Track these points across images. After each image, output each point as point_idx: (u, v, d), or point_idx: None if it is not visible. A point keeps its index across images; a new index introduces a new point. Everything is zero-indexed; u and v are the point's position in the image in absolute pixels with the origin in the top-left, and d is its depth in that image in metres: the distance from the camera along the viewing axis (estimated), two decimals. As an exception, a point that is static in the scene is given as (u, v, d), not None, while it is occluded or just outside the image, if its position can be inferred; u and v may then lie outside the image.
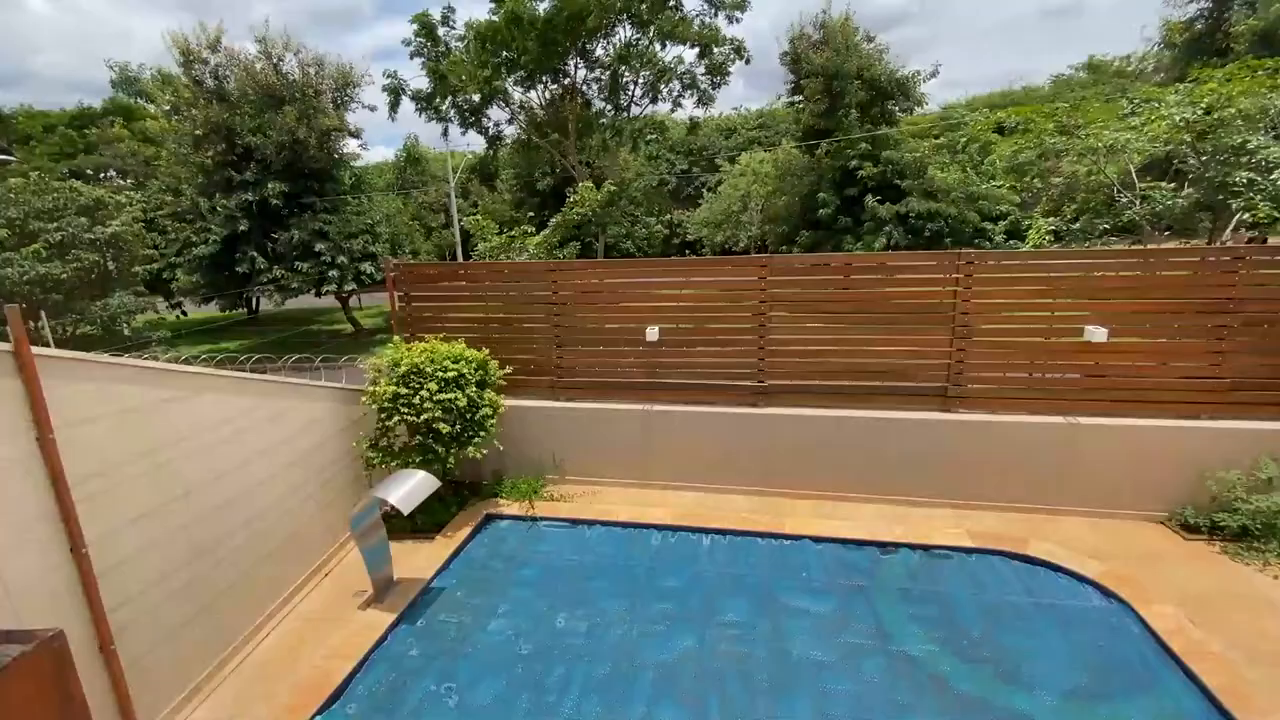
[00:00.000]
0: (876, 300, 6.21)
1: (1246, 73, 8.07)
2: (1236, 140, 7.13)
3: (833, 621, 4.66)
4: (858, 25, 23.57)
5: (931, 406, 6.13)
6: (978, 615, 4.66)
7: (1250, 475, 5.31)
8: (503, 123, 24.35)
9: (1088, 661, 4.17)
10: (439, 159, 41.74)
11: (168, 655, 4.03)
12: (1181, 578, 4.91)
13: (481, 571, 5.58)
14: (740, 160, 33.80)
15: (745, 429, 6.49)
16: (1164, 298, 5.69)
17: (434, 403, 5.71)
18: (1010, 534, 5.58)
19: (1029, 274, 6.00)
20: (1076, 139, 8.66)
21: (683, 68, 22.04)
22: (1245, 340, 5.49)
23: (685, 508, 6.32)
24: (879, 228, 22.57)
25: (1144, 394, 5.71)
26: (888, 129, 22.85)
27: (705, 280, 6.78)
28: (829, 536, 5.70)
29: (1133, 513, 5.70)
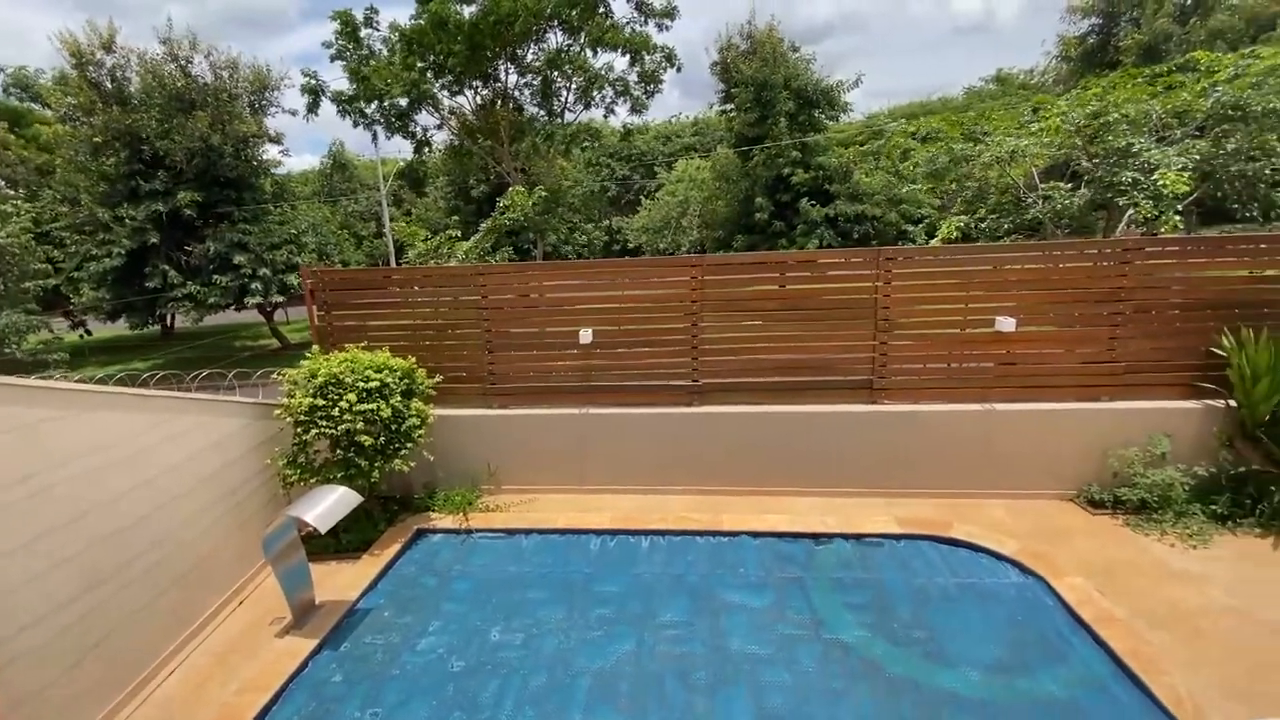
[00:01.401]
0: (804, 298, 6.36)
1: (1128, 80, 8.81)
2: (1122, 143, 7.74)
3: (770, 614, 4.69)
4: (784, 36, 24.43)
5: (859, 399, 6.31)
6: (907, 599, 4.80)
7: (1146, 451, 5.71)
8: (432, 128, 23.80)
9: (1007, 636, 4.36)
10: (368, 166, 40.43)
11: (58, 696, 3.65)
12: (1089, 551, 5.22)
13: (411, 589, 5.34)
14: (677, 167, 34.32)
15: (682, 429, 6.50)
16: (1066, 289, 6.07)
17: (354, 414, 5.44)
18: (936, 519, 5.79)
19: (944, 269, 6.27)
20: (984, 145, 9.20)
21: (614, 74, 22.14)
22: (1136, 327, 5.91)
23: (624, 511, 6.26)
24: (811, 230, 23.36)
25: (1051, 379, 6.06)
26: (816, 136, 23.71)
27: (638, 281, 6.77)
28: (766, 531, 5.76)
29: (1045, 492, 6.03)
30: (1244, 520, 5.41)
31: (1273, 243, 6.08)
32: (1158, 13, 17.75)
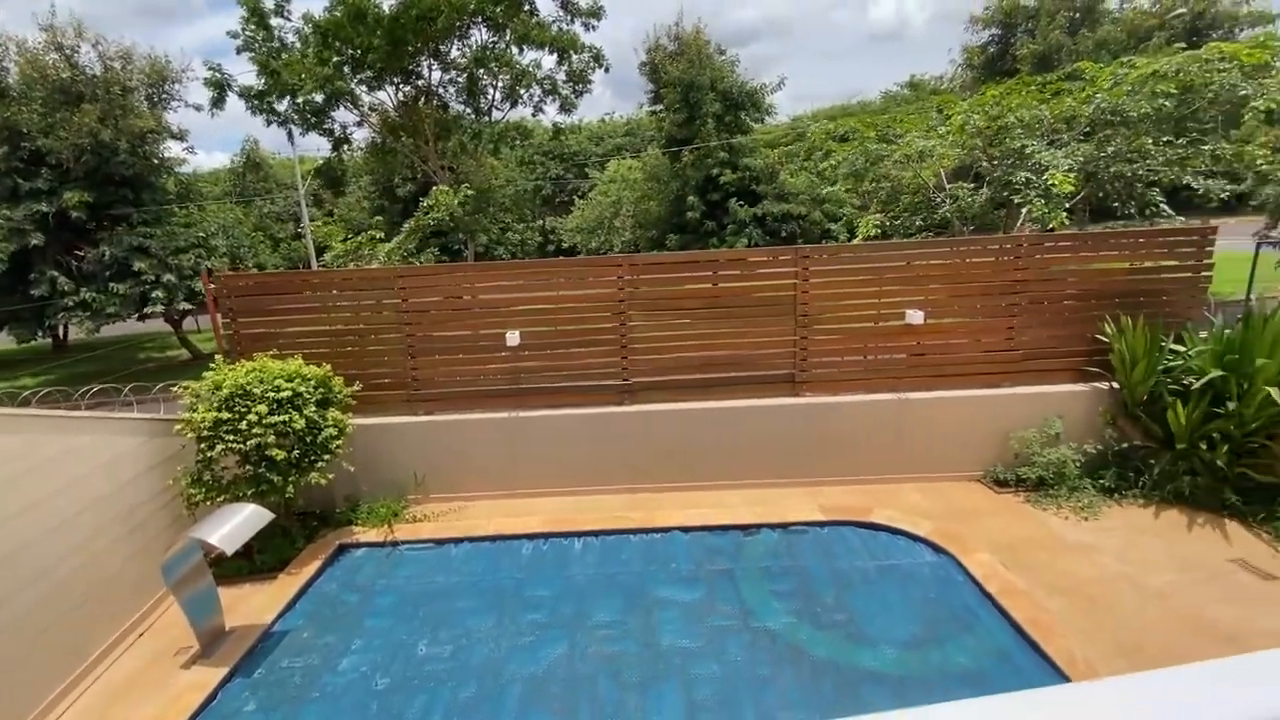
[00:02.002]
0: (728, 296, 6.50)
1: (1022, 87, 9.49)
2: (1017, 145, 8.32)
3: (700, 608, 4.76)
4: (710, 38, 24.85)
5: (782, 392, 6.50)
6: (830, 583, 4.98)
7: (1042, 432, 6.14)
8: (351, 125, 22.83)
9: (921, 613, 4.59)
10: (285, 164, 38.36)
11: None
12: (994, 528, 5.57)
13: (333, 607, 5.11)
14: (610, 167, 34.34)
15: (613, 428, 6.51)
16: (969, 283, 6.45)
17: (265, 427, 5.15)
18: (857, 505, 6.03)
19: (858, 265, 6.54)
20: (896, 146, 9.67)
21: (542, 73, 21.89)
22: (1031, 317, 6.35)
23: (557, 513, 6.20)
24: (741, 229, 23.89)
25: (957, 368, 6.44)
26: (742, 138, 24.26)
27: (565, 282, 6.72)
28: (697, 525, 5.85)
29: (955, 474, 6.40)
30: (1129, 492, 5.91)
31: (1148, 237, 6.68)
32: (1050, 25, 19.21)
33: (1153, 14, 18.06)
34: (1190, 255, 6.32)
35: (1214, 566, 4.91)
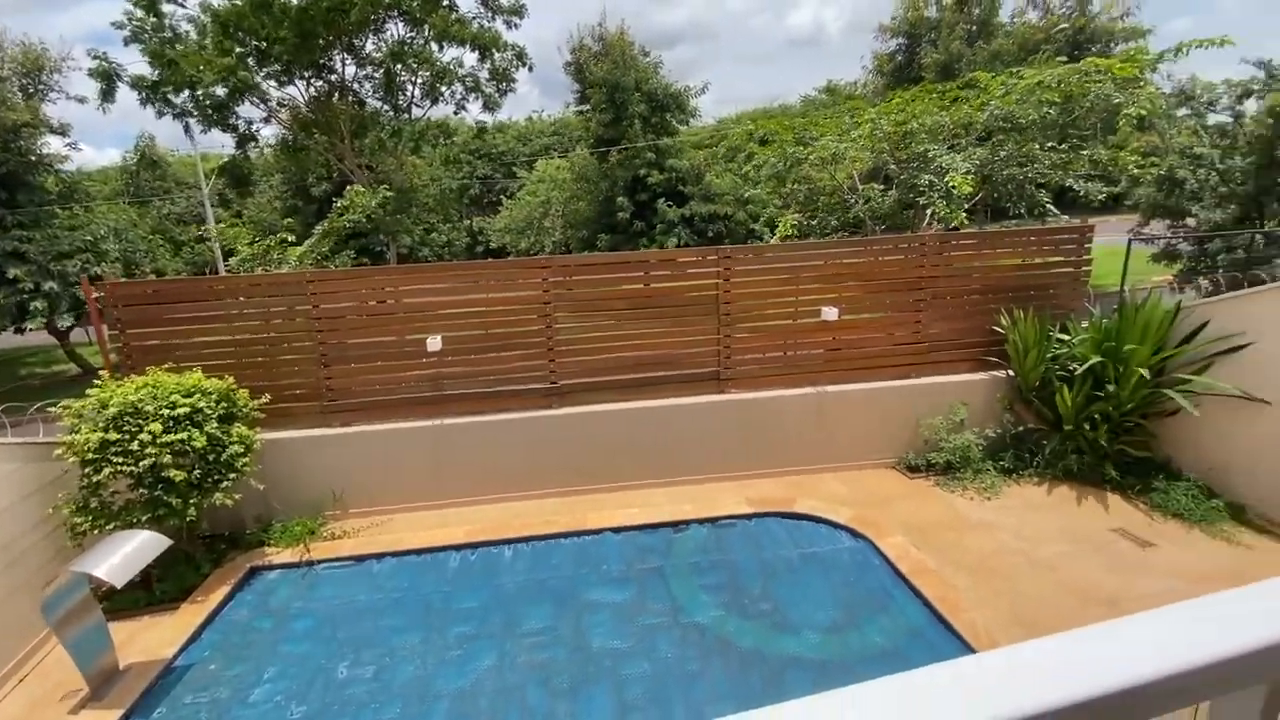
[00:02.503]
0: (654, 296, 6.56)
1: (924, 95, 10.08)
2: (921, 149, 8.83)
3: (631, 607, 4.79)
4: (633, 40, 24.96)
5: (708, 390, 6.62)
6: (757, 574, 5.12)
7: (948, 419, 6.54)
8: (258, 121, 21.54)
9: (841, 597, 4.80)
10: (186, 162, 35.72)
11: None
12: (907, 511, 5.88)
13: (244, 635, 4.81)
14: (538, 167, 33.92)
15: (542, 432, 6.44)
16: (880, 280, 6.77)
17: (160, 446, 4.78)
18: (782, 496, 6.23)
19: (777, 265, 6.74)
20: (812, 149, 10.05)
21: (464, 70, 21.35)
22: (936, 311, 6.74)
23: (486, 522, 6.08)
24: (670, 230, 24.15)
25: (871, 361, 6.75)
26: (668, 139, 24.52)
27: (488, 284, 6.58)
28: (628, 525, 5.87)
29: (871, 462, 6.71)
30: (1025, 471, 6.38)
31: (1037, 235, 7.23)
32: (950, 36, 20.50)
33: (1040, 28, 19.60)
34: (1072, 251, 6.89)
35: (1098, 537, 5.37)
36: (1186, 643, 0.77)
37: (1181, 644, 0.77)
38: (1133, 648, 0.79)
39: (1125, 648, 0.79)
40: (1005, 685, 0.74)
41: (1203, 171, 13.38)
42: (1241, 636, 0.77)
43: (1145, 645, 0.80)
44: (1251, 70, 14.02)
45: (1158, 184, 14.12)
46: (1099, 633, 0.82)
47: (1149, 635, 0.81)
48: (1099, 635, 0.81)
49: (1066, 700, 0.69)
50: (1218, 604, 0.84)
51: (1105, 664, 0.76)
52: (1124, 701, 0.73)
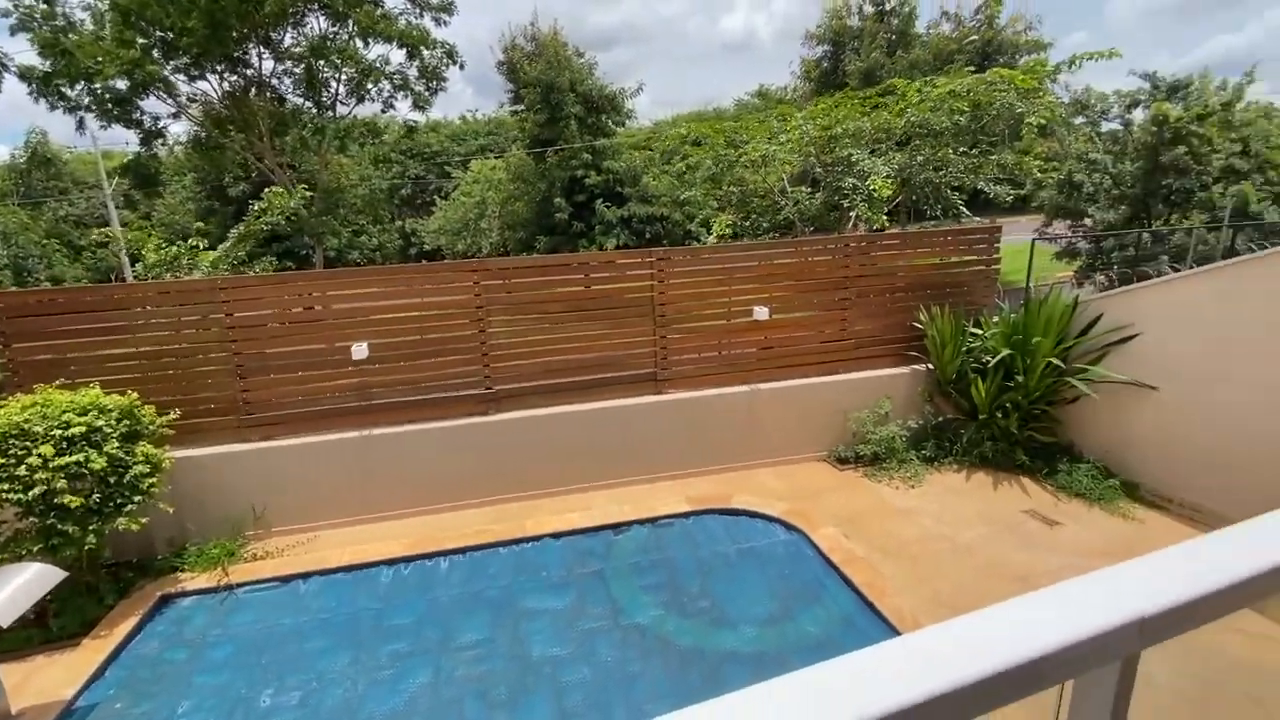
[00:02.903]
0: (590, 298, 6.53)
1: (846, 101, 10.50)
2: (844, 154, 9.20)
3: (571, 613, 4.76)
4: (567, 41, 24.86)
5: (646, 391, 6.66)
6: (696, 572, 5.19)
7: (874, 412, 6.82)
8: (165, 117, 20.19)
9: (776, 590, 4.92)
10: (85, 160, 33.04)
11: None
12: (838, 503, 6.09)
13: (154, 669, 4.48)
14: (473, 167, 33.26)
15: (478, 439, 6.31)
16: (809, 279, 6.99)
17: (52, 470, 4.40)
18: (719, 493, 6.34)
19: (710, 266, 6.85)
20: (743, 152, 10.29)
21: (391, 68, 20.68)
22: (860, 309, 7.02)
23: (420, 534, 5.90)
24: (609, 230, 24.19)
25: (801, 358, 6.97)
26: (605, 140, 24.56)
27: (414, 288, 6.38)
28: (568, 530, 5.82)
29: (804, 456, 6.92)
30: (945, 459, 6.73)
31: (953, 236, 7.63)
32: (872, 45, 21.44)
33: (953, 39, 20.79)
34: (983, 250, 7.33)
35: (1011, 519, 5.73)
36: (1052, 626, 0.84)
37: (1048, 627, 0.84)
38: (1008, 630, 0.85)
39: (1001, 631, 0.85)
40: (886, 679, 0.78)
41: (1098, 175, 14.51)
42: (1096, 619, 0.84)
43: (1017, 630, 0.86)
44: (1138, 82, 15.34)
45: (1059, 187, 15.21)
46: (969, 622, 0.88)
47: (1019, 620, 0.87)
48: (969, 625, 0.88)
49: (934, 692, 0.74)
50: (1075, 588, 0.91)
51: (977, 651, 0.82)
52: (996, 685, 0.78)
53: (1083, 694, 0.94)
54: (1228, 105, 13.44)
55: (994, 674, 0.78)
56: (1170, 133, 12.93)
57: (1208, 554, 0.94)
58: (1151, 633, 0.85)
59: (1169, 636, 0.88)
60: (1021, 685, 0.79)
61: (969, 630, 0.87)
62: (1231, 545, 0.96)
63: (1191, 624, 0.89)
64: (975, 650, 0.82)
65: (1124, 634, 0.84)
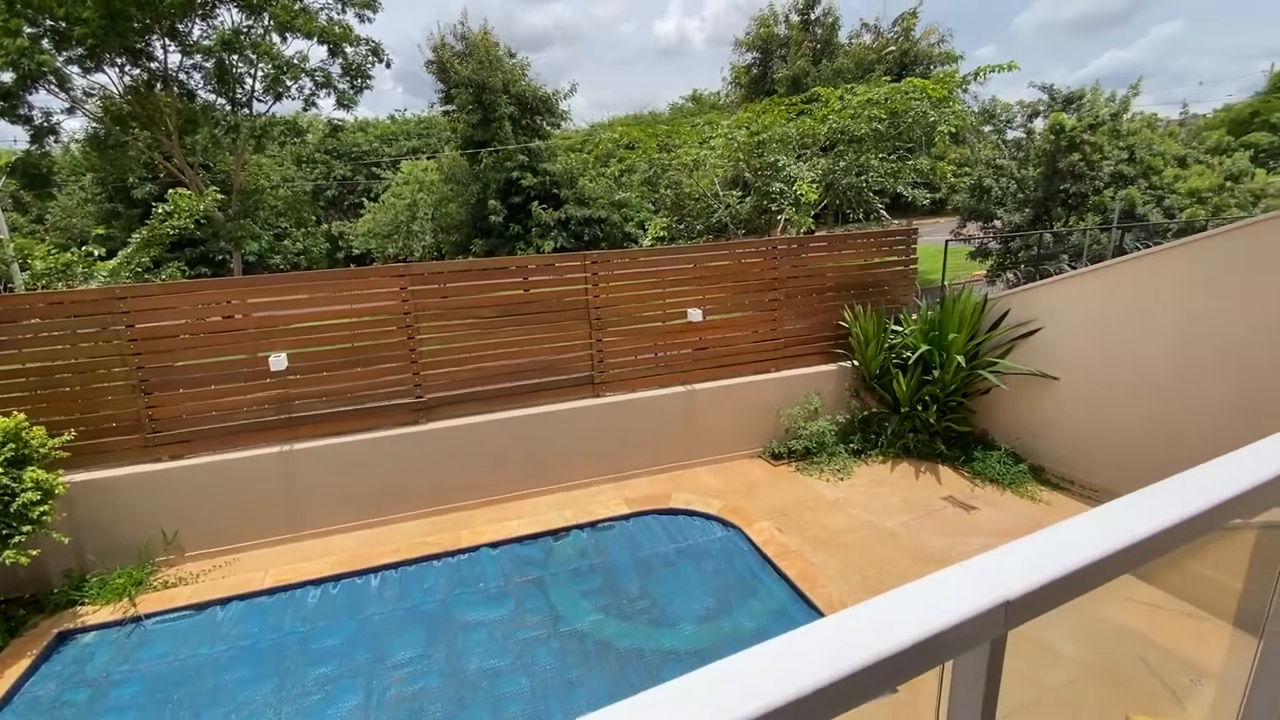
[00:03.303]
0: (523, 302, 6.45)
1: (773, 108, 10.82)
2: (772, 159, 9.48)
3: (509, 623, 4.69)
4: (499, 40, 24.47)
5: (583, 395, 6.65)
6: (635, 573, 5.21)
7: (805, 409, 7.06)
8: (58, 112, 18.64)
9: (714, 586, 5.01)
10: (-39, 158, 29.99)
11: None
12: (772, 497, 6.27)
13: (51, 713, 4.12)
14: (403, 168, 32.25)
15: (410, 450, 6.12)
16: (740, 281, 7.15)
17: (-78, 503, 3.98)
18: (658, 493, 6.40)
19: (643, 269, 6.91)
20: (674, 156, 10.44)
21: (312, 64, 19.81)
22: (789, 309, 7.25)
23: (349, 551, 5.68)
24: (546, 233, 23.95)
25: (735, 358, 7.13)
26: (540, 142, 24.33)
27: (339, 295, 6.13)
28: (506, 539, 5.74)
29: (740, 453, 7.08)
30: (872, 451, 7.03)
31: (874, 238, 7.98)
32: (798, 53, 22.16)
33: (873, 49, 21.78)
34: (902, 251, 7.70)
35: (932, 505, 6.04)
36: (931, 613, 0.91)
37: (927, 613, 0.91)
38: (889, 619, 0.92)
39: (890, 618, 0.91)
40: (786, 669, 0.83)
41: (1004, 180, 15.52)
42: (966, 605, 0.91)
43: (897, 618, 0.93)
44: (1038, 93, 16.51)
45: (970, 191, 16.20)
46: (869, 608, 0.95)
47: (899, 609, 0.94)
48: (870, 610, 0.95)
49: (837, 675, 0.78)
50: (949, 576, 0.99)
51: (872, 636, 0.88)
52: (889, 667, 0.84)
53: (961, 674, 1.02)
54: (1116, 116, 14.67)
55: (873, 662, 0.84)
56: (1066, 141, 14.00)
57: (1066, 538, 1.03)
58: (1016, 615, 0.93)
59: (1032, 617, 0.96)
60: (899, 671, 0.85)
61: (837, 628, 0.93)
62: (1087, 529, 1.05)
63: (1052, 605, 0.97)
64: (848, 645, 0.88)
65: (991, 618, 0.91)
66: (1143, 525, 1.06)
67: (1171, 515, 1.11)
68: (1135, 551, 1.04)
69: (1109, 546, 1.01)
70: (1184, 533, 1.12)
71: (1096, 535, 1.02)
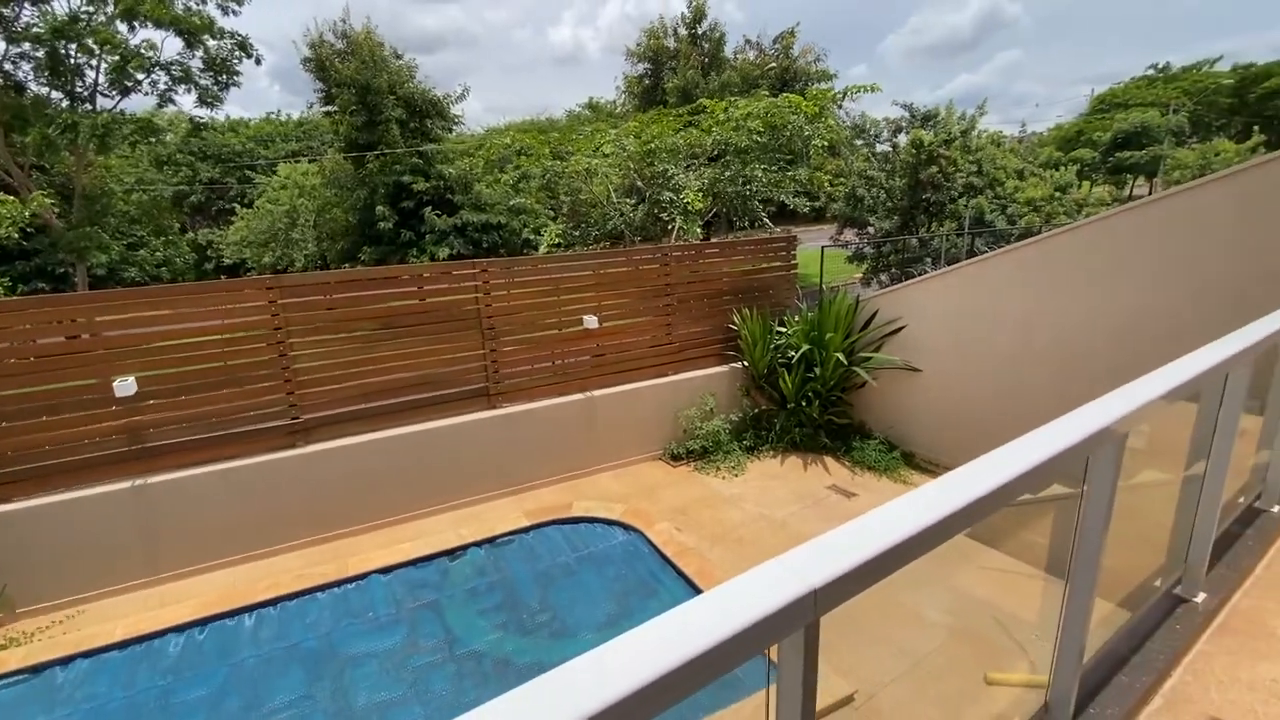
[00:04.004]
0: (410, 313, 6.21)
1: (661, 118, 11.12)
2: (661, 168, 9.74)
3: (402, 651, 4.48)
4: (384, 40, 23.39)
5: (478, 407, 6.50)
6: (535, 587, 5.15)
7: (701, 410, 7.29)
8: None
9: (615, 591, 5.06)
10: None
11: None
12: (672, 498, 6.42)
13: None
14: (281, 171, 30.00)
15: (288, 476, 5.71)
16: (637, 287, 7.26)
17: None
18: (560, 502, 6.36)
19: (537, 276, 6.85)
20: (567, 164, 10.45)
21: (168, 57, 18.04)
22: (682, 314, 7.47)
23: (220, 590, 5.20)
24: (442, 239, 23.14)
25: (632, 363, 7.24)
26: (432, 146, 23.49)
27: (200, 310, 5.59)
28: (398, 562, 5.47)
29: (640, 456, 7.20)
30: (764, 447, 7.37)
31: (760, 244, 8.38)
32: (687, 66, 22.91)
33: (756, 65, 22.93)
34: (784, 256, 8.15)
35: (818, 495, 6.43)
36: (757, 604, 0.99)
37: (753, 606, 0.99)
38: (721, 612, 1.00)
39: (716, 615, 1.00)
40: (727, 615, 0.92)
41: (875, 190, 16.87)
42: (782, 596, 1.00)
43: (729, 607, 1.00)
44: (901, 111, 18.09)
45: (846, 199, 17.45)
46: (703, 603, 1.03)
47: (733, 602, 1.01)
48: (702, 605, 1.02)
49: (679, 661, 0.86)
50: (770, 570, 1.07)
51: (700, 633, 0.95)
52: (714, 657, 0.91)
53: (784, 657, 1.11)
54: (965, 133, 16.36)
55: (703, 652, 0.92)
56: (925, 155, 15.44)
57: (868, 528, 1.15)
58: (825, 603, 1.03)
59: (841, 603, 1.06)
60: (726, 660, 0.93)
61: (673, 624, 1.01)
62: (887, 517, 1.17)
63: (858, 590, 1.08)
64: (682, 638, 0.95)
65: (802, 606, 1.00)
66: (935, 511, 1.20)
67: (962, 498, 1.27)
68: (929, 535, 1.18)
69: (905, 532, 1.13)
70: (973, 514, 1.28)
71: (894, 523, 1.15)
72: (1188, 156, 27.53)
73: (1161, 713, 2.05)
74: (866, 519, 1.18)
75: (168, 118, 22.66)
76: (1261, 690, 2.11)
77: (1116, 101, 40.30)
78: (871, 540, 1.11)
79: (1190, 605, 2.40)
